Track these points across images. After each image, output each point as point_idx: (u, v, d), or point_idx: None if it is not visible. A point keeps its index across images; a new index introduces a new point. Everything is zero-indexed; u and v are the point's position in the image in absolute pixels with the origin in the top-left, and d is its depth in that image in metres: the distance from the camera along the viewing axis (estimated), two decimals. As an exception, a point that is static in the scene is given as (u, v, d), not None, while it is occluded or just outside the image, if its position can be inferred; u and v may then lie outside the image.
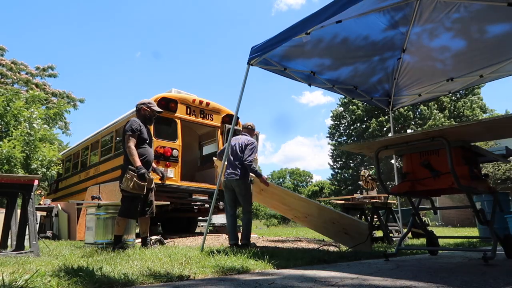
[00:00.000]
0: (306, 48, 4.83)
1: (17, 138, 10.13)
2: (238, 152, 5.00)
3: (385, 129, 33.32)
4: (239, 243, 4.86)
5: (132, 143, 4.53)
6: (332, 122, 39.19)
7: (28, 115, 10.93)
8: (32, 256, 3.66)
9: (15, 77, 18.98)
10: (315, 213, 5.13)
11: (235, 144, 5.08)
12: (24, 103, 11.48)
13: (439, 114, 31.40)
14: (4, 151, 9.51)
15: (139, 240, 4.99)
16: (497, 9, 4.10)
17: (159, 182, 5.19)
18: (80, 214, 8.13)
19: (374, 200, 6.93)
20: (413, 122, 32.41)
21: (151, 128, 7.46)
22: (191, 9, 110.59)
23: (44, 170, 10.54)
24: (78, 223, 7.66)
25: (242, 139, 5.10)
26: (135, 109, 5.04)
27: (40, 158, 10.43)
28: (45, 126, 11.39)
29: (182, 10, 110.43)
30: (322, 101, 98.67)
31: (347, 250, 4.35)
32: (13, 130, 10.39)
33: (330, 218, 4.94)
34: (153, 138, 7.53)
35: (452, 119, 31.21)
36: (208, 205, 8.37)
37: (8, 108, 10.92)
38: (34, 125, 10.73)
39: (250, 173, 5.03)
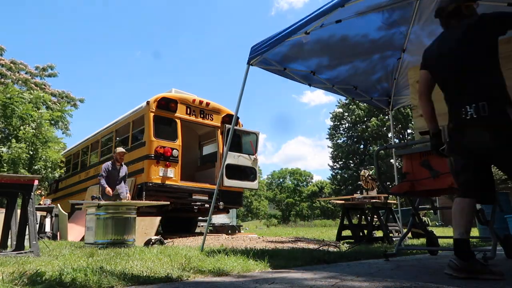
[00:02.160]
0: (305, 48, 4.83)
1: (24, 138, 10.14)
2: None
3: (384, 128, 33.33)
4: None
5: None
6: (332, 123, 39.21)
7: (38, 116, 10.92)
8: (32, 256, 3.66)
9: (14, 77, 18.94)
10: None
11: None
12: (31, 105, 11.49)
13: None
14: (13, 152, 9.51)
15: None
16: (496, 10, 4.09)
17: (159, 182, 5.21)
18: (73, 215, 8.17)
19: (374, 200, 6.93)
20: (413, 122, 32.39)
21: (151, 129, 7.57)
22: (191, 8, 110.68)
23: (49, 172, 10.58)
24: (69, 224, 7.68)
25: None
26: (135, 109, 5.04)
27: (43, 159, 10.43)
28: (49, 127, 11.41)
29: (182, 10, 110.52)
30: (323, 101, 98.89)
31: (347, 250, 4.36)
32: (21, 130, 10.38)
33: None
34: (154, 138, 7.62)
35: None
36: (208, 205, 8.37)
37: (12, 107, 10.88)
38: (43, 126, 10.75)
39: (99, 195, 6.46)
